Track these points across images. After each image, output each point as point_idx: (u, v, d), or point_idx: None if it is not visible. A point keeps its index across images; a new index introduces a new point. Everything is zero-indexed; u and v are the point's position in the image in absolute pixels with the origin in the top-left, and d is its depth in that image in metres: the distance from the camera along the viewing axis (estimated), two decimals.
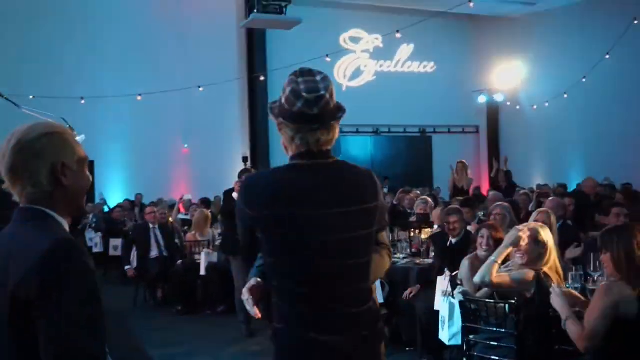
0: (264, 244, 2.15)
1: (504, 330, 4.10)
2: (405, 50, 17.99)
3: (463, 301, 4.41)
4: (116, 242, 10.75)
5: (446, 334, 4.82)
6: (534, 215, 5.45)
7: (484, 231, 4.99)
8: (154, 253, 8.79)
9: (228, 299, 7.68)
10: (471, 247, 5.19)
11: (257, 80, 15.12)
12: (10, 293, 1.55)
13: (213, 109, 15.14)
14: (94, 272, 1.60)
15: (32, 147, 1.67)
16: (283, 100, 2.15)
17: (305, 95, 2.10)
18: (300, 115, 2.11)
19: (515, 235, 4.02)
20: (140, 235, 8.92)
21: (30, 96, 10.11)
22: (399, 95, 17.21)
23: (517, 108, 17.97)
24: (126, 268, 8.81)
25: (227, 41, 15.78)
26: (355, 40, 17.48)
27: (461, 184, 11.10)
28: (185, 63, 14.76)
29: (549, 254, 4.05)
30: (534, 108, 17.16)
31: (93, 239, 11.43)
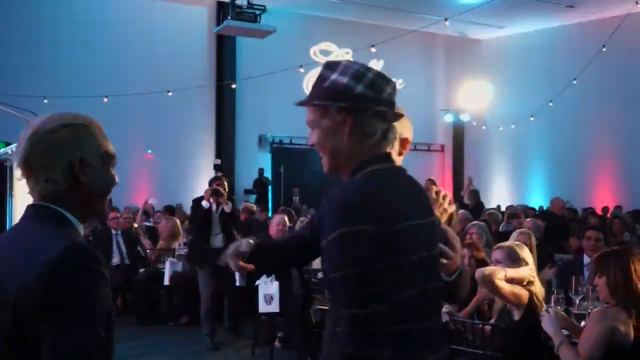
0: (384, 275, 1.59)
1: (490, 353, 3.99)
2: (375, 66, 17.77)
3: (446, 322, 4.27)
4: None
5: None
6: (514, 236, 5.37)
7: (465, 251, 4.87)
8: (115, 260, 8.45)
9: (192, 310, 7.45)
10: None
11: (225, 87, 14.91)
12: (13, 295, 1.36)
13: (180, 116, 14.87)
14: (108, 285, 1.41)
15: (49, 139, 1.48)
16: (359, 88, 1.70)
17: (392, 80, 1.75)
18: (391, 103, 1.74)
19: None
20: (101, 241, 8.53)
21: None
22: None
23: (483, 128, 18.15)
24: None
25: (197, 47, 15.56)
26: (326, 53, 17.43)
27: None
28: (153, 67, 14.45)
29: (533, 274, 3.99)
30: (500, 129, 17.35)
31: None
